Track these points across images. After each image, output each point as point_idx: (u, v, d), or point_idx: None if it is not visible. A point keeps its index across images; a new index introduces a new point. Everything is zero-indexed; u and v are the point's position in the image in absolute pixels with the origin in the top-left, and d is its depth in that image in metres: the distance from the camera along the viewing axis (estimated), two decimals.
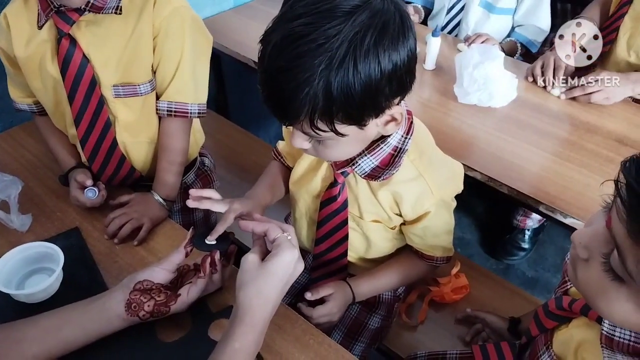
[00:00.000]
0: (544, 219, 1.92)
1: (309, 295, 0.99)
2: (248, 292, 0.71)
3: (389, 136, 0.86)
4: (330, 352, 0.85)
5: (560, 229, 1.98)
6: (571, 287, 0.79)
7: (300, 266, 0.75)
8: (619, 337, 0.63)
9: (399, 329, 1.20)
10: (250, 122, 1.97)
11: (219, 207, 0.91)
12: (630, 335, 0.62)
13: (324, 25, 0.64)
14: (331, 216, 0.99)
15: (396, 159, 0.88)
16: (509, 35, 1.85)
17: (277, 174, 1.10)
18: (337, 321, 1.04)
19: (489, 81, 1.41)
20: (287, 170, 1.09)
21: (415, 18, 1.87)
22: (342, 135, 0.73)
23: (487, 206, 2.19)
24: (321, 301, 1.01)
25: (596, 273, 0.55)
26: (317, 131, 0.72)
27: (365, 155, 0.87)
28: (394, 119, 0.78)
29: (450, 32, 1.91)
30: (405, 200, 0.92)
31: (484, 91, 1.42)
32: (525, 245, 1.98)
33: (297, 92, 0.66)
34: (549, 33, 1.82)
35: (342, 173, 0.93)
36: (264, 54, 0.69)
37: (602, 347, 0.65)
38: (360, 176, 0.91)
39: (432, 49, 1.58)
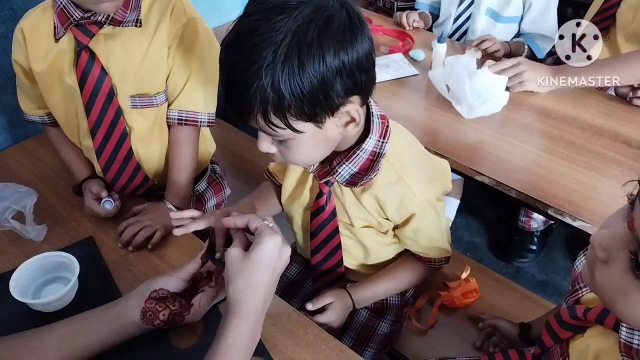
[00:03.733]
0: (550, 221, 1.92)
1: (310, 307, 1.00)
2: (236, 286, 0.71)
3: (363, 142, 0.87)
4: (342, 357, 0.85)
5: (569, 233, 1.99)
6: (583, 295, 0.78)
7: (287, 251, 0.75)
8: (638, 344, 0.62)
9: (409, 333, 1.20)
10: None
11: (203, 224, 0.90)
12: None
13: (272, 19, 0.67)
14: (322, 226, 1.00)
15: (374, 164, 0.89)
16: (516, 36, 1.86)
17: (267, 191, 1.13)
18: (338, 328, 1.05)
19: (489, 88, 1.41)
20: (279, 189, 1.10)
21: (420, 25, 1.88)
22: (299, 132, 0.74)
23: (496, 209, 2.19)
24: (323, 309, 1.02)
25: (616, 275, 0.54)
26: (273, 127, 0.73)
27: (344, 163, 0.89)
28: (353, 120, 0.79)
29: (457, 41, 1.91)
30: (389, 204, 0.93)
31: (489, 101, 1.42)
32: (534, 247, 1.98)
33: (248, 85, 0.68)
34: None
35: (326, 183, 0.94)
36: (221, 53, 0.72)
37: (621, 355, 0.64)
38: (342, 184, 0.92)
39: (438, 55, 1.59)
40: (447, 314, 1.23)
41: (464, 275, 1.25)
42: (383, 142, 0.88)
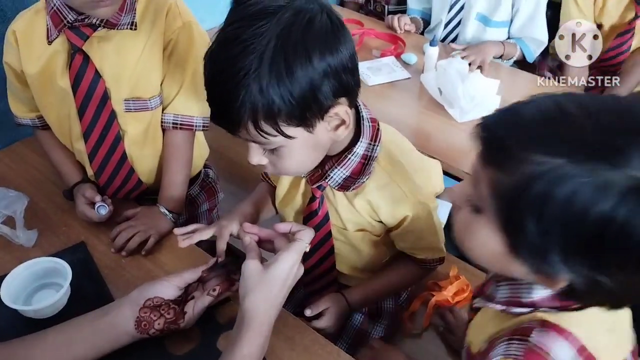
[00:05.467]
0: None
1: (308, 313, 1.00)
2: (254, 299, 0.72)
3: (354, 146, 0.87)
4: None
5: None
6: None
7: (301, 270, 0.78)
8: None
9: (403, 337, 1.20)
10: None
11: (208, 233, 0.92)
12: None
13: (253, 26, 0.67)
14: (315, 230, 0.99)
15: (366, 167, 0.89)
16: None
17: (264, 193, 1.12)
18: (334, 332, 1.05)
19: (481, 91, 1.42)
20: (274, 190, 1.10)
21: (412, 28, 1.89)
22: (291, 137, 0.73)
23: None
24: (319, 314, 1.02)
25: (464, 215, 0.63)
26: (264, 135, 0.72)
27: (336, 167, 0.89)
28: (343, 122, 0.79)
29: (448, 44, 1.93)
30: (382, 207, 0.94)
31: (482, 104, 1.42)
32: None
33: (236, 94, 0.68)
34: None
35: (318, 187, 0.94)
36: (205, 65, 0.72)
37: (475, 298, 0.72)
38: (334, 188, 0.92)
39: (430, 58, 1.60)
40: (442, 317, 1.23)
41: (452, 274, 1.25)
42: (374, 145, 0.89)
